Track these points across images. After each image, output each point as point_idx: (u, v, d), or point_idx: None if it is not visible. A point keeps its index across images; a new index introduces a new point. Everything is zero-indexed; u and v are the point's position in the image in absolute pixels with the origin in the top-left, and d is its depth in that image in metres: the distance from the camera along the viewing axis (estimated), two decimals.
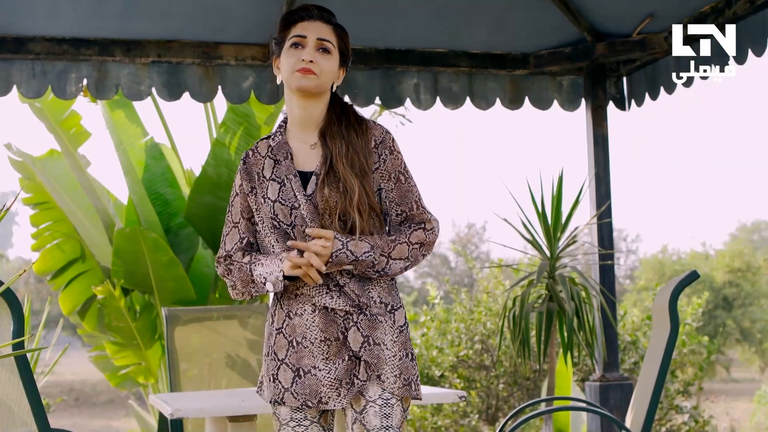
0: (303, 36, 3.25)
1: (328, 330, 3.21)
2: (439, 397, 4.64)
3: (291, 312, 3.25)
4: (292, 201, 3.24)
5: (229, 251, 3.32)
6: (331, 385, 3.20)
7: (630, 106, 7.37)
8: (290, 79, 3.25)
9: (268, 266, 3.24)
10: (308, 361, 3.22)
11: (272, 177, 3.28)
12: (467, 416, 10.35)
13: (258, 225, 3.33)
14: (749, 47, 6.06)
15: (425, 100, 7.12)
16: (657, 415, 10.42)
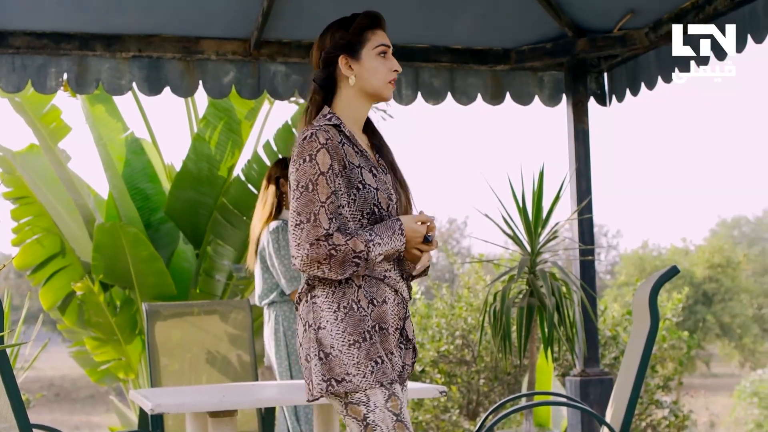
0: (388, 46, 3.42)
1: (400, 318, 3.35)
2: (420, 392, 4.64)
3: (375, 299, 3.27)
4: (389, 192, 3.36)
5: (328, 230, 3.19)
6: (400, 372, 3.34)
7: (611, 102, 7.39)
8: (380, 86, 3.37)
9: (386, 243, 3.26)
10: (388, 347, 3.29)
11: (362, 165, 3.32)
12: (448, 411, 10.36)
13: (343, 208, 3.29)
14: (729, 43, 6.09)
15: (406, 96, 7.11)
16: (637, 409, 10.45)
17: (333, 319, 3.21)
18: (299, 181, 3.20)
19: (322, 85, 3.40)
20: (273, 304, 6.06)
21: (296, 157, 3.22)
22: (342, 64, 3.36)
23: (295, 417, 5.90)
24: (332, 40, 3.38)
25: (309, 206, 3.18)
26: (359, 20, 3.42)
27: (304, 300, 3.30)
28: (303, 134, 3.25)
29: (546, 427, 7.72)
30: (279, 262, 5.97)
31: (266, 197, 6.19)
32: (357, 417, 3.16)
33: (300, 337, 3.29)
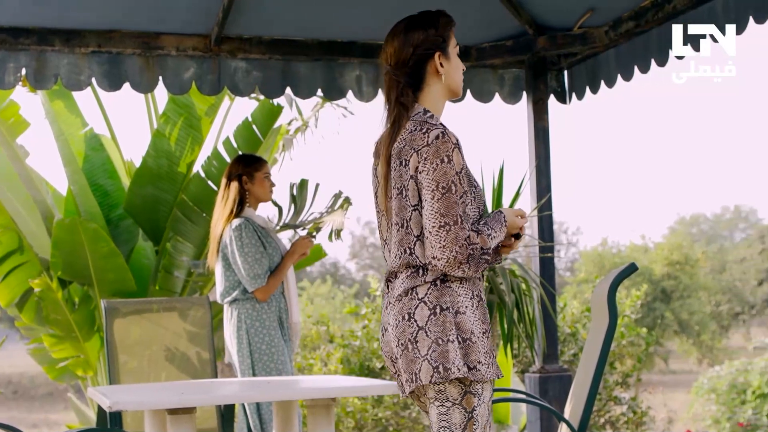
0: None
1: None
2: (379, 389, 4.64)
3: (481, 295, 3.37)
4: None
5: (468, 231, 3.28)
6: None
7: (571, 100, 7.42)
8: (460, 83, 3.53)
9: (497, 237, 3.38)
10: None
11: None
12: (408, 408, 10.37)
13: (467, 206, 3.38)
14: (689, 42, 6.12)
15: (367, 92, 7.11)
16: (596, 406, 10.51)
17: (471, 306, 3.29)
18: (439, 182, 3.24)
19: (412, 81, 3.45)
20: (235, 302, 6.04)
21: (432, 156, 3.26)
22: (437, 61, 3.45)
23: (257, 415, 5.89)
24: (425, 37, 3.47)
25: (453, 208, 3.23)
26: (444, 19, 3.55)
27: (430, 284, 3.29)
28: (428, 132, 3.31)
29: (505, 423, 7.75)
30: (242, 260, 5.95)
31: (227, 194, 6.15)
32: (467, 407, 3.23)
33: (422, 320, 3.26)
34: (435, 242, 3.23)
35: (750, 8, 5.62)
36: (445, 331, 3.22)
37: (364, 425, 10.34)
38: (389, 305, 3.40)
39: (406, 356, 3.27)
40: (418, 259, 3.32)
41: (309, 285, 29.92)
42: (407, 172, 3.31)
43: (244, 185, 6.15)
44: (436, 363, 3.20)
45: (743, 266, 35.52)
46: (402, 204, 3.34)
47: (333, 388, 4.64)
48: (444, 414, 3.25)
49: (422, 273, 3.30)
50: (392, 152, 3.38)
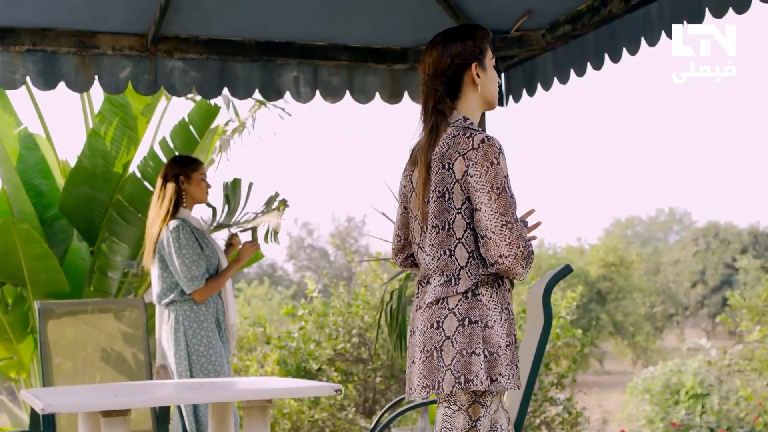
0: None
1: None
2: (315, 391, 4.65)
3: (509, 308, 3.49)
4: None
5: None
6: None
7: (507, 102, 7.45)
8: (495, 94, 3.68)
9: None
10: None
11: None
12: (344, 409, 10.37)
13: None
14: (624, 46, 6.19)
15: (305, 93, 7.09)
16: (531, 407, 10.58)
17: (498, 319, 3.40)
18: (493, 184, 3.37)
19: (449, 90, 3.59)
20: (173, 304, 6.00)
21: (481, 159, 3.38)
22: (474, 71, 3.60)
23: (194, 417, 5.86)
24: (463, 48, 3.62)
25: (510, 207, 3.38)
26: (481, 32, 3.71)
27: (461, 296, 3.39)
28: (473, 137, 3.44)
29: None
30: (180, 262, 5.92)
31: (164, 194, 6.12)
32: (473, 416, 3.37)
33: (450, 330, 3.36)
34: (500, 241, 3.36)
35: (684, 14, 5.69)
36: (471, 344, 3.33)
37: (301, 427, 10.33)
38: (419, 309, 3.51)
39: (430, 363, 3.37)
40: (456, 262, 3.42)
41: (246, 286, 29.84)
42: (451, 175, 3.42)
43: (181, 185, 6.12)
44: (459, 374, 3.32)
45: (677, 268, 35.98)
46: (444, 207, 3.44)
47: (269, 390, 4.63)
48: (449, 417, 3.39)
49: (455, 282, 3.41)
50: (433, 157, 3.49)
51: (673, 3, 5.78)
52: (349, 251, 14.30)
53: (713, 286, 34.87)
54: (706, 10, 5.56)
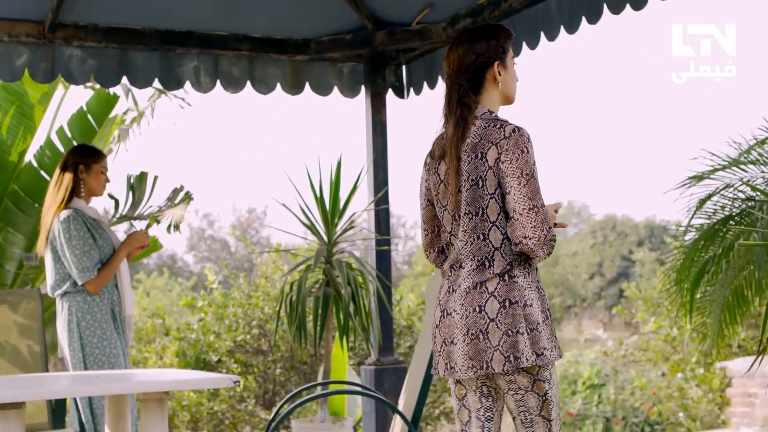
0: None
1: None
2: (213, 382, 4.62)
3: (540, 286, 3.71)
4: None
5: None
6: None
7: (409, 94, 7.49)
8: (515, 91, 3.89)
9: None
10: None
11: None
12: (244, 401, 10.34)
13: None
14: (523, 40, 6.26)
15: (205, 83, 7.05)
16: (430, 397, 10.64)
17: (535, 298, 3.62)
18: (523, 170, 3.59)
19: (472, 85, 3.79)
20: (66, 295, 5.91)
21: (512, 147, 3.60)
22: (496, 69, 3.79)
23: (89, 409, 5.78)
24: (488, 47, 3.79)
25: (538, 192, 3.60)
26: (504, 32, 3.86)
27: (499, 279, 3.60)
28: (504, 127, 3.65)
29: (341, 416, 7.78)
30: (71, 253, 5.83)
31: (61, 182, 6.02)
32: (539, 392, 3.62)
33: (492, 313, 3.57)
34: (527, 223, 3.57)
35: (582, 9, 5.77)
36: (515, 323, 3.55)
37: (200, 419, 10.27)
38: (453, 292, 3.71)
39: (476, 345, 3.57)
40: (490, 245, 3.63)
41: (145, 277, 29.55)
42: (485, 163, 3.63)
43: (79, 174, 6.02)
44: (507, 353, 3.54)
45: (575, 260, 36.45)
46: (478, 194, 3.65)
47: (166, 382, 4.60)
48: (520, 401, 3.64)
49: (489, 265, 3.63)
50: (464, 148, 3.69)
51: None
52: (249, 242, 14.25)
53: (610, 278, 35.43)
54: (604, 6, 5.65)
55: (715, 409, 11.89)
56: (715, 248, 6.52)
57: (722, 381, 11.79)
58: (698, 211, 6.59)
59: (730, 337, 7.10)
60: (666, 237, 17.14)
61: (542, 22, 6.10)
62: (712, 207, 6.59)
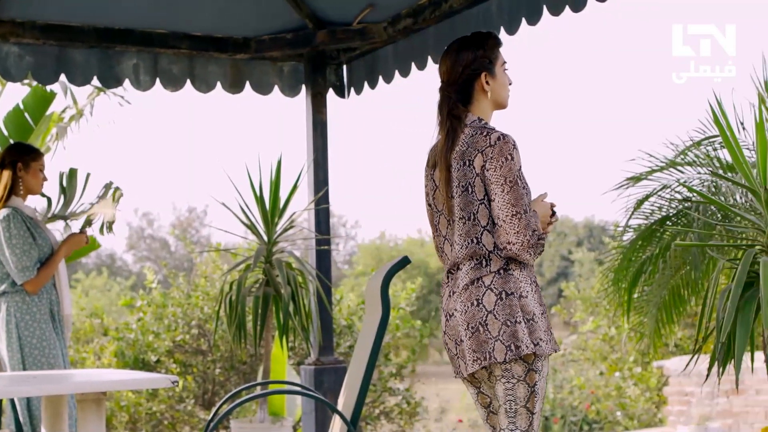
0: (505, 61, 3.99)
1: None
2: (151, 382, 4.60)
3: (536, 281, 3.83)
4: None
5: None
6: None
7: (349, 94, 7.49)
8: (506, 98, 3.97)
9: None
10: None
11: None
12: (183, 401, 10.29)
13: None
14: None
15: (144, 82, 7.01)
16: (370, 397, 10.64)
17: (530, 290, 3.74)
18: (506, 177, 3.69)
19: (461, 96, 3.90)
20: (4, 295, 5.85)
21: (496, 155, 3.71)
22: (484, 79, 3.89)
23: (27, 410, 5.73)
24: (474, 58, 3.89)
25: (521, 199, 3.69)
26: (492, 41, 3.95)
27: (495, 273, 3.71)
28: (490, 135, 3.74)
29: (280, 416, 7.77)
30: (11, 252, 5.77)
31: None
32: (530, 383, 3.71)
33: (490, 305, 3.68)
34: (509, 229, 3.69)
35: (522, 10, 5.81)
36: (513, 314, 3.66)
37: (138, 419, 10.21)
38: (453, 294, 3.82)
39: (477, 338, 3.69)
40: (484, 248, 3.75)
41: (84, 277, 29.29)
42: (472, 170, 3.75)
43: (18, 173, 5.96)
44: (508, 342, 3.65)
45: None
46: (468, 199, 3.76)
47: (103, 382, 4.57)
48: (510, 389, 3.72)
49: (486, 264, 3.74)
50: (453, 156, 3.81)
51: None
52: (189, 242, 14.17)
53: (550, 278, 35.61)
54: (543, 8, 5.68)
55: (652, 408, 12.02)
56: (652, 248, 6.59)
57: (659, 380, 11.91)
58: (636, 211, 6.66)
59: (667, 337, 7.18)
60: (604, 237, 17.30)
61: (482, 23, 6.12)
62: (649, 208, 6.67)
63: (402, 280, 17.56)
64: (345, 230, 42.39)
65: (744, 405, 10.26)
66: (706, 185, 6.44)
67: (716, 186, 6.35)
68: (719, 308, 4.67)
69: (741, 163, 4.91)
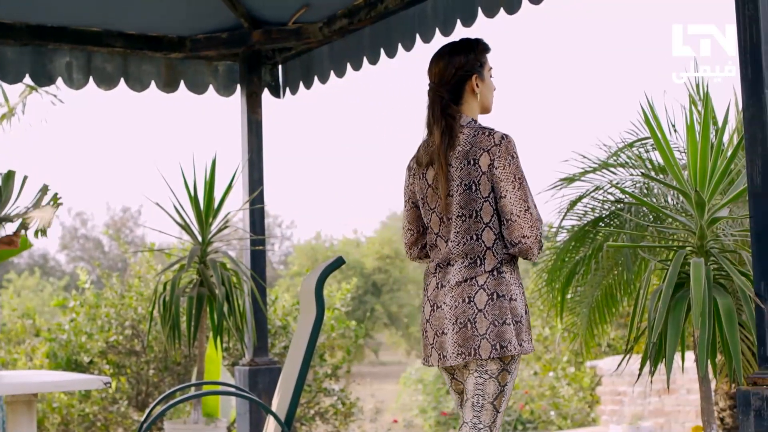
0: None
1: None
2: (83, 384, 4.56)
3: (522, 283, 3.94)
4: None
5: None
6: None
7: (285, 94, 7.47)
8: (492, 101, 4.11)
9: None
10: None
11: None
12: (116, 403, 10.21)
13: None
14: (399, 42, 6.30)
15: (78, 80, 6.94)
16: (305, 398, 10.63)
17: (519, 293, 3.89)
18: (516, 174, 3.85)
19: (452, 97, 4.02)
20: None
21: (504, 154, 3.86)
22: (474, 82, 4.02)
23: None
24: (466, 61, 4.02)
25: (530, 195, 3.87)
26: (481, 46, 4.08)
27: (488, 274, 3.85)
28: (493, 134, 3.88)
29: (214, 417, 7.73)
30: None
31: None
32: (501, 382, 3.84)
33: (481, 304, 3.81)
34: (524, 223, 3.84)
35: (457, 11, 5.83)
36: (502, 315, 3.80)
37: (71, 421, 10.12)
38: (443, 287, 3.94)
39: (464, 333, 3.83)
40: (483, 244, 3.88)
41: (16, 277, 28.99)
42: (478, 169, 3.87)
43: None
44: (494, 341, 3.79)
45: None
46: (471, 197, 3.88)
47: (35, 383, 4.52)
48: (480, 384, 3.85)
49: (480, 262, 3.87)
50: (453, 155, 3.92)
51: (447, 1, 5.91)
52: (123, 242, 14.07)
53: None
54: (478, 10, 5.71)
55: (585, 407, 12.13)
56: (585, 249, 6.64)
57: (592, 380, 12.02)
58: (569, 212, 6.70)
59: (600, 337, 7.24)
60: None
61: (418, 24, 6.15)
62: (582, 209, 6.72)
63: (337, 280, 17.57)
64: (280, 230, 42.33)
65: (675, 404, 10.38)
66: (638, 187, 6.50)
67: (648, 188, 6.42)
68: (650, 308, 4.73)
69: (672, 165, 4.97)
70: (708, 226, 4.83)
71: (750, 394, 3.83)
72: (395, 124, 76.78)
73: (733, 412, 7.22)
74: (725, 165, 4.87)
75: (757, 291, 3.86)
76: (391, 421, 13.48)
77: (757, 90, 3.89)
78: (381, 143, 77.56)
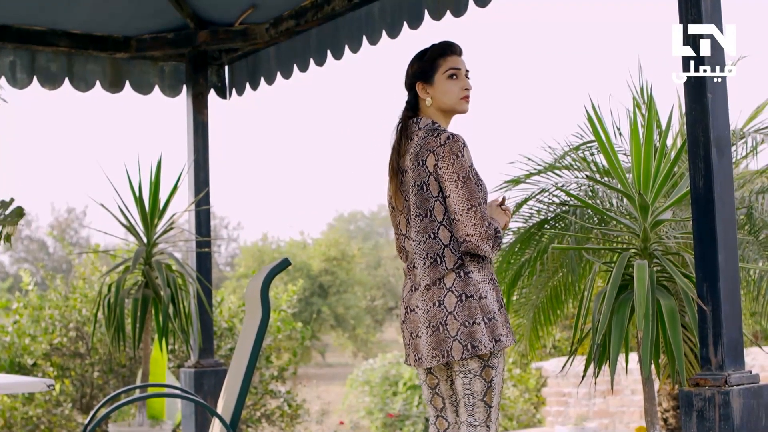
0: (458, 68, 4.12)
1: None
2: (26, 386, 4.52)
3: (494, 278, 4.02)
4: None
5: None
6: None
7: (231, 95, 7.46)
8: (455, 104, 4.11)
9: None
10: None
11: None
12: (60, 405, 10.12)
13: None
14: (346, 43, 6.31)
15: (21, 79, 6.89)
16: (251, 400, 10.61)
17: (489, 290, 3.94)
18: (459, 173, 3.91)
19: (411, 105, 4.16)
20: None
21: (447, 154, 3.93)
22: (419, 89, 4.13)
23: None
24: (411, 70, 4.16)
25: (475, 193, 3.91)
26: (431, 51, 4.16)
27: (455, 275, 3.92)
28: (440, 135, 3.97)
29: (160, 419, 7.69)
30: None
31: None
32: (486, 378, 3.92)
33: (450, 306, 3.90)
34: (467, 221, 3.90)
35: (404, 14, 5.85)
36: (472, 315, 3.87)
37: (14, 424, 10.02)
38: (416, 290, 4.04)
39: (437, 336, 3.92)
40: (440, 242, 3.96)
41: None
42: (426, 170, 3.97)
43: None
44: (465, 342, 3.87)
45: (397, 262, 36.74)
46: (424, 197, 3.99)
47: None
48: (467, 384, 3.94)
49: (441, 261, 3.95)
50: (408, 158, 4.05)
51: (394, 3, 5.93)
52: (68, 243, 13.97)
53: None
54: (425, 12, 5.74)
55: (531, 409, 12.18)
56: (530, 251, 6.68)
57: (538, 381, 12.08)
58: (514, 214, 6.73)
59: (545, 338, 7.28)
60: None
61: (365, 26, 6.16)
62: (528, 211, 6.75)
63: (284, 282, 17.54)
64: (227, 232, 42.20)
65: (620, 405, 10.47)
66: (583, 189, 6.55)
67: (593, 190, 6.47)
68: (595, 310, 4.76)
69: (616, 167, 5.02)
70: (651, 228, 4.88)
71: (692, 394, 3.87)
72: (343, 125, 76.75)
73: (677, 413, 7.30)
74: (668, 168, 4.92)
75: (699, 293, 3.91)
76: (338, 423, 13.48)
77: (699, 93, 3.95)
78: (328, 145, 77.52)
